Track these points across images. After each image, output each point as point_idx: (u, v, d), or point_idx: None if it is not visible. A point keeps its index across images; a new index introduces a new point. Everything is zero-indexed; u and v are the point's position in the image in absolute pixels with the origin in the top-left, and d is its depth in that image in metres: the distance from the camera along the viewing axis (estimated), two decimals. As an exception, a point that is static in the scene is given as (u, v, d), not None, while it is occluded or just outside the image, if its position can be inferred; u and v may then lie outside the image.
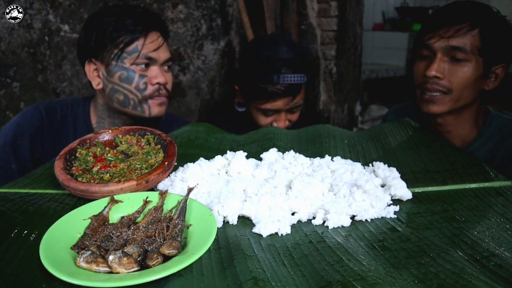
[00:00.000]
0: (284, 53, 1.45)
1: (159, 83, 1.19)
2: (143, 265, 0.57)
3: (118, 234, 0.65)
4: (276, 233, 0.67)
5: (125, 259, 0.55)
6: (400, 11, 5.00)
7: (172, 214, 0.69)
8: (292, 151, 0.93)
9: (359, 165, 0.89)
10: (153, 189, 0.81)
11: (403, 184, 0.80)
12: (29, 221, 0.69)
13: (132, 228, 0.66)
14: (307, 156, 0.93)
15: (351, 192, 0.76)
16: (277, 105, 1.46)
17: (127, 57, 1.15)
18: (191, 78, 2.32)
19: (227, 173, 0.86)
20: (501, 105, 1.55)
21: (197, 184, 0.79)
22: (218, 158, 0.88)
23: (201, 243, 0.59)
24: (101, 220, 0.68)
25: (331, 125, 1.27)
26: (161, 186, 0.82)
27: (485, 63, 1.09)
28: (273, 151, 0.94)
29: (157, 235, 0.63)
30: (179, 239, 0.61)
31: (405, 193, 0.78)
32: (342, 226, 0.69)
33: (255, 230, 0.68)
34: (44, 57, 1.82)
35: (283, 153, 0.93)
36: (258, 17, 2.34)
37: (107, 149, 0.92)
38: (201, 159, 0.88)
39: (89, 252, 0.57)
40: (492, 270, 0.56)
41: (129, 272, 0.55)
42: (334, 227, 0.69)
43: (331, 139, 1.07)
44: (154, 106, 1.20)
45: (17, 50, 1.74)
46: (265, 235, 0.67)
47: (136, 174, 0.82)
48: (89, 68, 1.20)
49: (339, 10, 2.51)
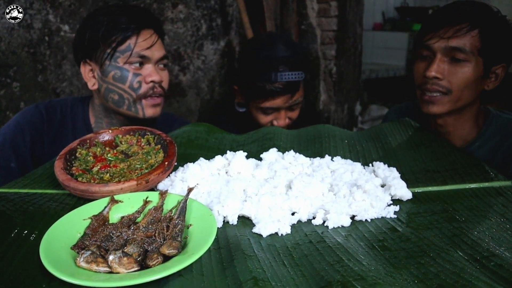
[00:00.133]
0: (281, 51, 1.46)
1: (153, 81, 1.18)
2: (143, 265, 0.57)
3: (118, 234, 0.65)
4: (276, 233, 0.67)
5: (125, 259, 0.55)
6: (400, 11, 5.00)
7: (172, 214, 0.69)
8: (292, 151, 0.93)
9: (359, 165, 0.89)
10: (153, 189, 0.81)
11: (403, 184, 0.80)
12: (29, 221, 0.69)
13: (132, 228, 0.66)
14: (307, 156, 0.93)
15: (351, 192, 0.76)
16: (277, 103, 1.46)
17: (120, 56, 1.15)
18: (191, 78, 2.32)
19: (227, 173, 0.86)
20: (501, 105, 1.55)
21: (197, 184, 0.79)
22: (218, 158, 0.88)
23: (201, 243, 0.59)
24: (101, 220, 0.68)
25: (331, 125, 1.27)
26: (161, 186, 0.82)
27: (485, 63, 1.09)
28: (273, 151, 0.94)
29: (157, 235, 0.63)
30: (179, 239, 0.61)
31: (405, 193, 0.78)
32: (342, 226, 0.69)
33: (255, 230, 0.68)
34: (44, 57, 1.82)
35: (283, 153, 0.93)
36: (258, 17, 2.34)
37: (107, 149, 0.92)
38: (201, 159, 0.88)
39: (89, 252, 0.57)
40: (492, 270, 0.56)
41: (129, 272, 0.55)
42: (334, 227, 0.69)
43: (331, 139, 1.07)
44: (147, 107, 1.19)
45: (17, 50, 1.75)
46: (265, 235, 0.67)
47: (136, 174, 0.82)
48: (85, 69, 1.20)
49: (339, 10, 2.51)
